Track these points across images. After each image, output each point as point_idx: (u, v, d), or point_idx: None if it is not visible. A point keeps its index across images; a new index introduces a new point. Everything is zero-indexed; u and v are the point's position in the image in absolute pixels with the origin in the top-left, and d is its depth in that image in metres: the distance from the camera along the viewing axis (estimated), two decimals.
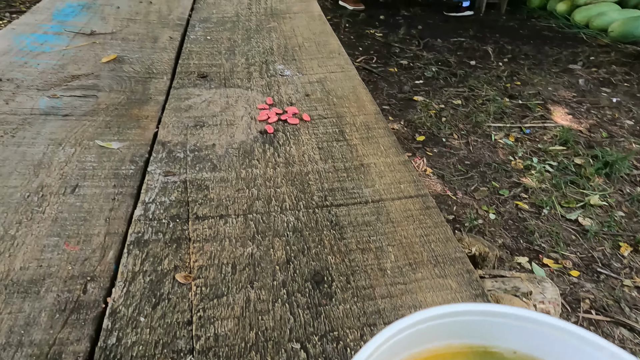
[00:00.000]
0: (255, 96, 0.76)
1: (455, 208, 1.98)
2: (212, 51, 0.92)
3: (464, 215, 1.91)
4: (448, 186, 2.12)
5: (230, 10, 1.17)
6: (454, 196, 2.06)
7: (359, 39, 3.83)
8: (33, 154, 0.58)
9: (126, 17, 1.06)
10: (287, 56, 0.91)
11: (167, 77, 0.81)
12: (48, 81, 0.74)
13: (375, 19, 4.32)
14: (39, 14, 1.01)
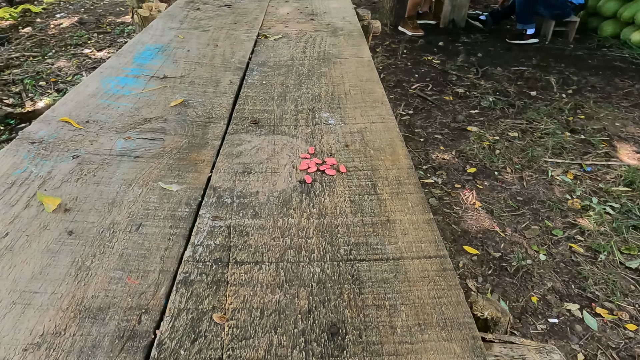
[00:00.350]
0: (299, 144, 0.83)
1: (503, 245, 1.94)
2: (266, 97, 1.02)
3: (511, 253, 1.87)
4: (497, 222, 2.08)
5: (287, 54, 1.27)
6: (503, 233, 2.01)
7: (415, 66, 3.86)
8: (108, 193, 0.69)
9: (194, 60, 1.20)
10: (333, 104, 0.98)
11: (224, 121, 0.91)
12: (125, 124, 0.87)
13: (434, 46, 4.32)
14: (123, 57, 1.17)
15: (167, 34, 1.36)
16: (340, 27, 1.49)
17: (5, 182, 0.68)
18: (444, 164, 2.55)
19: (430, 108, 3.16)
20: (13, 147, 0.77)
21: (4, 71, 4.03)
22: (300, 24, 1.55)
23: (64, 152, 0.77)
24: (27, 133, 0.80)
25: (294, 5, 1.78)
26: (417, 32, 4.63)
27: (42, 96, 3.63)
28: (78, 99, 0.94)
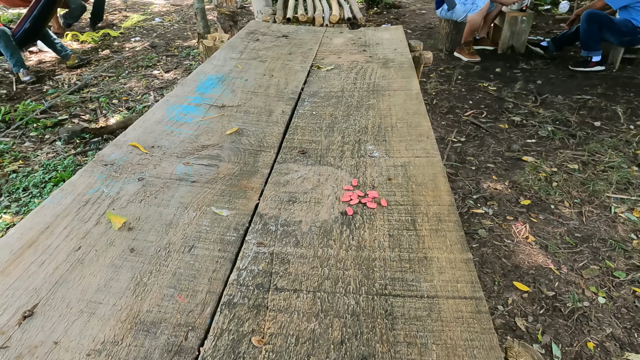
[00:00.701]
0: (343, 176, 0.87)
1: (558, 284, 1.84)
2: (315, 127, 1.07)
3: (566, 293, 1.77)
4: (551, 258, 1.99)
5: (337, 85, 1.32)
6: (558, 270, 1.92)
7: (470, 92, 3.80)
8: (166, 215, 0.76)
9: (251, 90, 1.28)
10: (379, 136, 1.01)
11: (274, 150, 0.96)
12: (185, 150, 0.95)
13: (490, 72, 4.24)
14: (187, 86, 1.27)
15: (228, 64, 1.46)
16: (391, 59, 1.53)
17: (81, 200, 0.77)
18: (496, 194, 2.47)
19: (483, 136, 3.10)
20: (89, 168, 0.86)
21: (84, 89, 4.44)
22: (353, 55, 1.60)
23: (132, 174, 0.86)
24: (101, 155, 0.90)
25: (348, 37, 1.84)
26: (474, 57, 4.57)
27: (114, 113, 3.96)
28: (146, 125, 1.04)
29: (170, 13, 7.11)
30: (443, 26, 4.88)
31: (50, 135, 3.59)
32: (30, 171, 3.11)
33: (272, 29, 1.92)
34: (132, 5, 7.54)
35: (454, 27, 4.78)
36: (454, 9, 4.39)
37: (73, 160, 3.17)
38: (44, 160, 3.26)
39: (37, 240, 0.67)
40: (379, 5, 6.92)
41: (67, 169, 3.05)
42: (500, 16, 4.70)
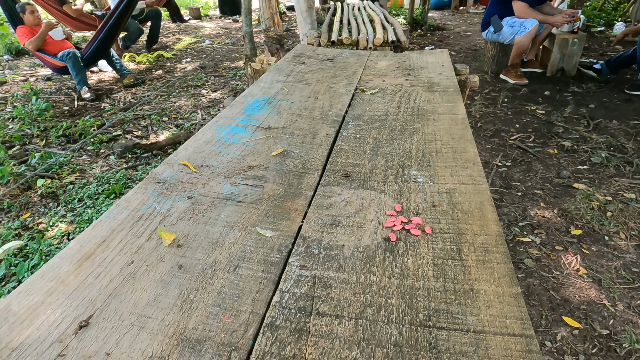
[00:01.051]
0: (386, 201, 0.86)
1: (612, 322, 1.72)
2: (358, 150, 1.08)
3: (622, 333, 1.65)
4: (605, 294, 1.87)
5: (381, 108, 1.33)
6: (612, 307, 1.79)
7: (516, 115, 3.70)
8: (213, 233, 0.78)
9: (296, 112, 1.31)
10: (423, 162, 1.00)
11: (318, 173, 0.98)
12: (232, 170, 0.98)
13: (539, 95, 4.12)
14: (235, 108, 1.32)
15: (274, 87, 1.51)
16: (436, 83, 1.52)
17: (135, 215, 0.81)
18: (544, 223, 2.37)
19: (530, 161, 2.99)
20: (143, 185, 0.91)
21: (137, 107, 4.70)
22: (397, 78, 1.61)
23: (182, 192, 0.89)
24: (154, 173, 0.95)
25: (393, 60, 1.85)
26: (521, 80, 4.46)
27: (164, 130, 4.15)
28: (196, 144, 1.09)
29: (220, 36, 7.44)
30: (489, 48, 4.81)
31: (105, 149, 3.81)
32: (86, 183, 3.30)
33: (318, 52, 1.96)
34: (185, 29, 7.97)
35: (500, 49, 4.69)
36: (500, 32, 4.33)
37: (124, 174, 3.34)
38: (99, 173, 3.45)
39: (95, 253, 0.71)
40: (423, 27, 6.92)
41: (119, 182, 3.21)
42: (549, 38, 4.58)
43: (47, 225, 2.87)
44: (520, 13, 4.17)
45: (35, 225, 2.87)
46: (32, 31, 4.45)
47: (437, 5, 8.76)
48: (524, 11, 4.14)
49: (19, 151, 3.70)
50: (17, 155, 3.63)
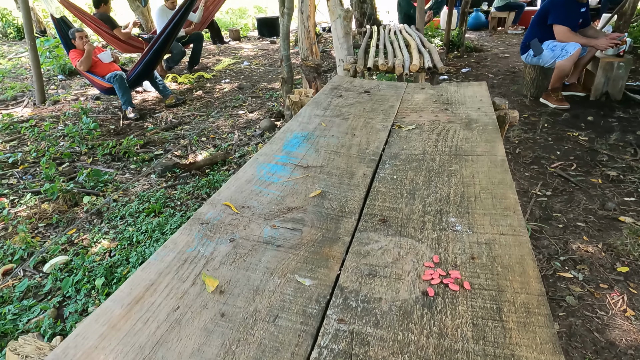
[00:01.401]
0: (424, 250, 0.87)
1: None
2: (395, 193, 1.08)
3: None
4: None
5: (419, 147, 1.33)
6: None
7: (557, 142, 3.60)
8: (254, 280, 0.81)
9: (334, 149, 1.33)
10: (462, 208, 1.00)
11: (355, 217, 0.99)
12: (272, 211, 1.01)
13: (581, 120, 3.99)
14: (275, 145, 1.36)
15: (312, 122, 1.55)
16: (475, 119, 1.51)
17: (181, 258, 0.85)
18: (587, 258, 2.28)
19: (572, 190, 2.89)
20: (188, 226, 0.95)
21: (178, 127, 4.89)
22: (434, 113, 1.61)
23: (224, 234, 0.93)
24: (199, 214, 0.99)
25: (430, 93, 1.86)
26: (562, 104, 4.34)
27: (202, 150, 4.29)
28: (237, 184, 1.13)
29: (258, 57, 7.66)
30: (528, 71, 4.72)
31: (146, 168, 3.98)
32: (128, 201, 3.45)
33: (355, 84, 2.00)
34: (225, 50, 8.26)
35: (541, 73, 4.59)
36: (540, 55, 4.24)
37: (164, 192, 3.47)
38: (140, 191, 3.60)
39: (143, 297, 0.75)
40: (460, 49, 6.87)
41: (159, 201, 3.34)
42: (593, 61, 4.44)
43: (90, 241, 3.01)
44: (562, 37, 4.08)
45: (80, 241, 3.02)
46: (82, 55, 4.76)
47: (474, 26, 8.69)
48: (565, 35, 4.06)
49: (68, 168, 3.92)
50: (66, 172, 3.84)
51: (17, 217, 3.18)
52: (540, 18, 4.23)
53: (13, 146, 4.27)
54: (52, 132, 4.50)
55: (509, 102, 4.59)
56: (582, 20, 4.15)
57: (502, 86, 5.35)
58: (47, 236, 3.09)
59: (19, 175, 3.74)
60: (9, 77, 6.39)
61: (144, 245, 2.86)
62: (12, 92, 5.61)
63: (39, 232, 3.13)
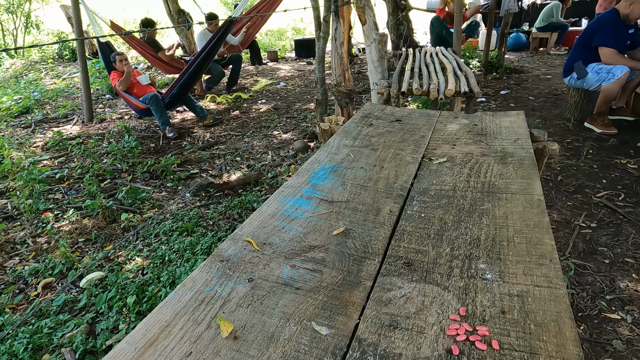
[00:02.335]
0: (450, 300, 0.82)
1: None
2: (422, 233, 1.04)
3: None
4: None
5: (449, 182, 1.28)
6: None
7: (603, 169, 3.40)
8: (269, 326, 0.78)
9: (360, 183, 1.30)
10: (493, 253, 0.94)
11: (378, 259, 0.95)
12: (293, 249, 0.99)
13: (630, 147, 3.77)
14: (301, 176, 1.35)
15: (341, 152, 1.53)
16: (510, 153, 1.45)
17: (198, 298, 0.85)
18: (637, 298, 2.11)
19: (620, 223, 2.71)
20: (208, 263, 0.95)
21: (214, 146, 5.01)
22: (468, 145, 1.55)
23: (243, 273, 0.92)
24: (220, 250, 0.99)
25: (463, 122, 1.80)
26: (609, 129, 4.13)
27: (236, 170, 4.37)
28: (261, 218, 1.12)
29: (294, 78, 7.80)
30: (572, 94, 4.53)
31: (182, 186, 4.08)
32: (163, 219, 3.54)
33: (386, 112, 1.97)
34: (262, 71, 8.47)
35: (585, 96, 4.40)
36: (585, 78, 4.07)
37: (197, 212, 3.54)
38: (175, 209, 3.69)
39: (157, 340, 0.75)
40: (499, 70, 6.72)
41: (191, 221, 3.40)
42: None
43: (125, 258, 3.10)
44: (608, 59, 3.91)
45: (115, 257, 3.11)
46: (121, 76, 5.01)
47: (514, 46, 8.49)
48: (612, 57, 3.88)
49: (109, 185, 4.08)
50: (107, 189, 4.00)
51: (59, 232, 3.33)
52: (585, 40, 4.08)
53: (61, 162, 4.51)
54: (96, 149, 4.73)
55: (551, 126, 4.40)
56: (630, 42, 3.97)
57: (543, 109, 5.17)
58: (85, 251, 3.21)
59: (64, 191, 3.93)
60: (62, 95, 6.81)
61: (175, 264, 2.91)
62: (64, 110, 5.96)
63: (78, 247, 3.25)
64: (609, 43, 3.87)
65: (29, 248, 3.16)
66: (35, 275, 2.85)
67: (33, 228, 3.39)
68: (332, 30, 2.56)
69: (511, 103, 5.37)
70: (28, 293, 2.75)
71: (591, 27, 4.05)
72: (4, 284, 2.82)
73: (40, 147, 4.81)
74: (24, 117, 5.89)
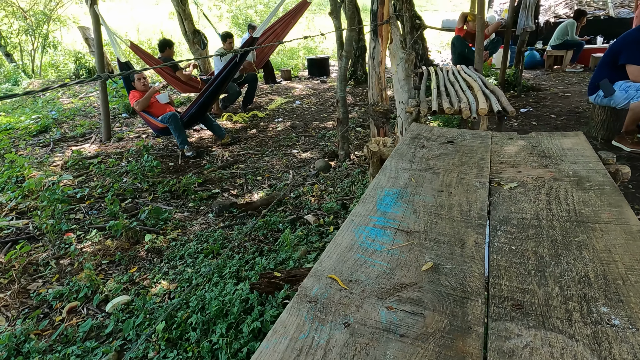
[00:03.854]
0: (582, 352, 0.72)
1: None
2: (520, 269, 0.95)
3: None
4: None
5: (529, 209, 1.20)
6: None
7: (639, 189, 3.30)
8: None
9: (432, 210, 1.22)
10: (610, 292, 0.85)
11: (482, 299, 0.86)
12: (383, 288, 0.90)
13: None
14: (367, 203, 1.27)
15: (401, 177, 1.45)
16: (585, 177, 1.36)
17: (295, 347, 0.76)
18: None
19: None
20: (295, 304, 0.86)
21: (233, 165, 4.94)
22: (534, 168, 1.47)
23: (337, 316, 0.83)
24: (304, 289, 0.90)
25: (520, 144, 1.72)
26: (638, 148, 4.03)
27: (258, 190, 4.28)
28: (338, 251, 1.04)
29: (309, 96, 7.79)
30: (597, 112, 4.46)
31: (204, 207, 4.00)
32: (186, 240, 3.45)
33: (435, 133, 1.90)
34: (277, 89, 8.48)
35: (612, 114, 4.32)
36: (612, 96, 4.00)
37: (221, 233, 3.44)
38: (198, 230, 3.60)
39: None
40: (516, 88, 6.68)
41: (217, 242, 3.31)
42: None
43: (151, 281, 3.00)
44: (637, 77, 3.84)
45: (141, 280, 3.01)
46: (141, 95, 4.98)
47: (529, 64, 8.48)
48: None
49: (130, 204, 4.01)
50: (129, 209, 3.93)
51: (82, 254, 3.25)
52: (611, 58, 4.02)
53: (81, 182, 4.45)
54: (116, 168, 4.68)
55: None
56: None
57: (567, 127, 5.09)
58: (109, 274, 3.11)
59: (85, 211, 3.86)
60: (79, 115, 6.82)
61: (203, 288, 2.81)
62: (82, 129, 5.95)
63: (102, 269, 3.16)
64: (637, 60, 3.81)
65: (52, 270, 3.08)
66: (60, 298, 2.76)
67: (56, 249, 3.31)
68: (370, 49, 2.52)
69: (533, 121, 5.30)
70: (53, 318, 2.65)
71: (617, 45, 4.00)
72: (28, 308, 2.73)
73: (59, 166, 4.77)
74: (42, 136, 5.88)
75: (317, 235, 3.26)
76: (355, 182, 4.08)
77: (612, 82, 4.01)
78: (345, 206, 3.70)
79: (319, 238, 3.22)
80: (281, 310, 2.31)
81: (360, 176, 4.15)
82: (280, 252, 3.05)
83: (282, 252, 3.04)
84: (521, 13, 6.22)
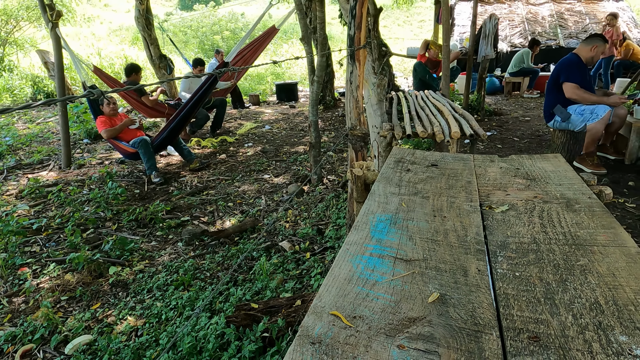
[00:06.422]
0: None
1: None
2: (529, 297, 0.91)
3: None
4: None
5: (525, 234, 1.18)
6: None
7: None
8: None
9: (428, 236, 1.18)
10: (624, 319, 0.82)
11: (496, 333, 0.81)
12: (390, 323, 0.84)
13: (622, 186, 3.84)
14: (361, 230, 1.21)
15: (391, 202, 1.41)
16: (573, 199, 1.36)
17: None
18: None
19: None
20: (297, 347, 0.77)
21: (203, 192, 4.78)
22: (521, 191, 1.47)
23: (345, 359, 0.75)
24: (305, 329, 0.82)
25: (503, 166, 1.73)
26: (599, 169, 4.22)
27: (230, 216, 4.14)
28: (337, 284, 0.96)
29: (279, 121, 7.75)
30: (558, 135, 4.65)
31: (173, 235, 3.81)
32: (155, 272, 3.24)
33: (417, 156, 1.88)
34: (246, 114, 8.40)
35: (571, 137, 4.51)
36: (569, 120, 4.18)
37: (192, 263, 3.27)
38: (167, 261, 3.40)
39: None
40: (479, 112, 6.92)
41: (188, 273, 3.13)
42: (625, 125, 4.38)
43: (116, 318, 2.78)
44: (571, 94, 4.07)
45: (104, 317, 2.78)
46: (109, 120, 4.77)
47: (489, 90, 8.86)
48: (575, 92, 4.05)
49: (92, 235, 3.76)
50: (91, 240, 3.68)
51: (39, 290, 2.99)
52: (555, 83, 4.24)
53: (37, 211, 4.16)
54: (77, 196, 4.41)
55: None
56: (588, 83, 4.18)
57: (530, 150, 5.28)
58: (69, 311, 2.87)
59: (43, 243, 3.59)
60: (36, 141, 6.46)
61: (174, 323, 2.63)
62: (39, 156, 5.62)
63: (61, 306, 2.91)
64: (572, 79, 4.03)
65: (3, 310, 2.80)
66: (12, 341, 2.50)
67: (8, 286, 3.04)
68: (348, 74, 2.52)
69: (498, 144, 5.48)
70: None
71: (557, 68, 4.23)
72: None
73: (13, 195, 4.45)
74: None
75: (293, 263, 3.15)
76: (329, 206, 4.02)
77: (564, 106, 4.20)
78: (320, 231, 3.62)
79: (296, 265, 3.12)
80: (260, 345, 2.18)
81: (334, 200, 4.11)
82: (256, 281, 2.92)
83: (257, 281, 2.91)
84: (481, 42, 6.52)
